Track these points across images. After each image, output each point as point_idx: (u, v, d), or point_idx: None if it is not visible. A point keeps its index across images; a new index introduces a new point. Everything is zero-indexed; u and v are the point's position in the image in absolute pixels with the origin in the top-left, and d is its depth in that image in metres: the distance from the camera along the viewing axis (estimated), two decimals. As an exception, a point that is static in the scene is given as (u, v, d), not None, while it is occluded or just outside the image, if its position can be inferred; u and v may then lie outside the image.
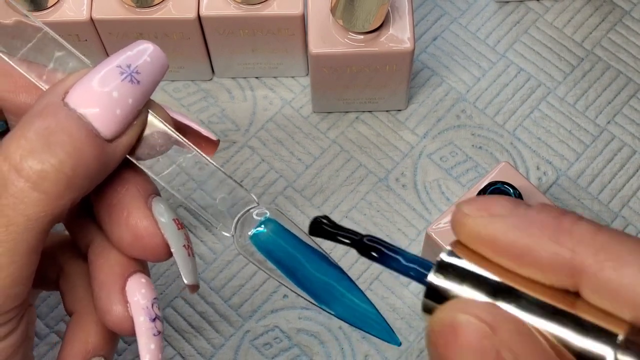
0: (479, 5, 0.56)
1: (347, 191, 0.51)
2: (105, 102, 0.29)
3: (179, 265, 0.31)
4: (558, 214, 0.25)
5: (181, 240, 0.31)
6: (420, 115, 0.53)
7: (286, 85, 0.54)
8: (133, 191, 0.31)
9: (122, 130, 0.30)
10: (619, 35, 0.55)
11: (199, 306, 0.48)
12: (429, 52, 0.55)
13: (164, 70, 0.31)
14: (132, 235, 0.31)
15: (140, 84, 0.30)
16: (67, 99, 0.29)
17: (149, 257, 0.32)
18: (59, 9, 0.48)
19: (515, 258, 0.26)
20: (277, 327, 0.48)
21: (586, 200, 0.51)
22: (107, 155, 0.30)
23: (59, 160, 0.28)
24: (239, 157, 0.52)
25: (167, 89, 0.54)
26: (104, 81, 0.30)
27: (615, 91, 0.53)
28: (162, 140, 0.32)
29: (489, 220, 0.26)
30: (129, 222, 0.31)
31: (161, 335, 0.32)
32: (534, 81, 0.54)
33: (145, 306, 0.31)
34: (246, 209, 0.32)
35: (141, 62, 0.30)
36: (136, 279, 0.32)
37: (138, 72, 0.30)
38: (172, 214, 0.32)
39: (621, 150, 0.52)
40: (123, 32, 0.49)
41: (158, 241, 0.31)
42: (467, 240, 0.27)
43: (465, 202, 0.27)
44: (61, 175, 0.28)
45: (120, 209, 0.31)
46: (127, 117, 0.30)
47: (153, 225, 0.31)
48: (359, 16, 0.45)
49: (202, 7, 0.48)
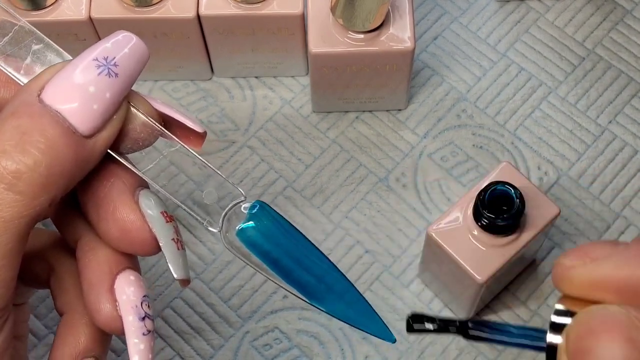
0: (479, 4, 0.56)
1: (347, 191, 0.51)
2: (81, 98, 0.28)
3: (167, 259, 0.30)
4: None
5: (170, 233, 0.31)
6: (420, 114, 0.53)
7: (286, 85, 0.54)
8: (119, 184, 0.30)
9: (100, 125, 0.29)
10: (620, 34, 0.55)
11: (198, 307, 0.48)
12: (429, 51, 0.55)
13: (144, 60, 0.30)
14: (119, 230, 0.30)
15: (119, 77, 0.29)
16: (42, 96, 0.29)
17: (137, 251, 0.31)
18: (58, 8, 0.47)
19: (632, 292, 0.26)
20: (276, 328, 0.48)
21: (587, 200, 0.50)
22: (85, 152, 0.29)
23: (33, 160, 0.27)
24: (238, 157, 0.52)
25: (167, 89, 0.54)
26: (80, 76, 0.29)
27: (617, 91, 0.53)
28: (145, 134, 0.31)
29: (595, 265, 0.27)
30: (115, 216, 0.30)
31: (152, 335, 0.31)
32: (535, 81, 0.54)
33: (134, 304, 0.31)
34: (233, 203, 0.31)
35: (119, 54, 0.29)
36: (125, 276, 0.31)
37: (116, 64, 0.29)
38: (161, 207, 0.31)
39: (622, 150, 0.52)
40: (122, 32, 0.49)
41: (146, 235, 0.30)
42: (578, 291, 0.28)
43: (564, 256, 0.28)
44: (36, 175, 0.27)
45: (106, 203, 0.30)
46: (105, 112, 0.29)
47: (140, 219, 0.30)
48: (359, 15, 0.45)
49: (202, 7, 0.48)
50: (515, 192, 0.41)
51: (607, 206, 0.50)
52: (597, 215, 0.50)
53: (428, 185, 0.51)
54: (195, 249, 0.49)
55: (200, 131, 0.33)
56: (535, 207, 0.43)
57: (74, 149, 0.28)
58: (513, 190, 0.41)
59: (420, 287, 0.48)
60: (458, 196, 0.50)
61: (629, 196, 0.51)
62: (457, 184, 0.51)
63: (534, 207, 0.42)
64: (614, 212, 0.50)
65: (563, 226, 0.50)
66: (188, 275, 0.31)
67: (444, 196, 0.51)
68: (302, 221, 0.50)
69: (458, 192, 0.51)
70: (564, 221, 0.50)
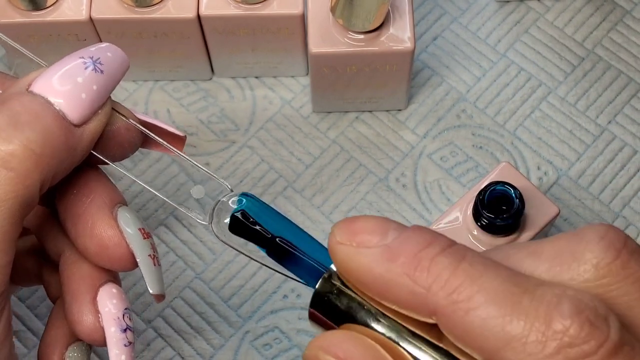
0: (479, 4, 0.56)
1: (347, 191, 0.51)
2: (70, 87, 0.30)
3: (144, 275, 0.31)
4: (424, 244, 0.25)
5: (147, 249, 0.31)
6: (420, 115, 0.53)
7: (286, 85, 0.54)
8: (98, 201, 0.31)
9: (88, 115, 0.30)
10: (619, 34, 0.55)
11: (198, 306, 0.48)
12: (429, 51, 0.55)
13: (125, 67, 0.32)
14: (97, 245, 0.31)
15: (104, 74, 0.30)
16: (31, 88, 0.30)
17: (115, 267, 0.32)
18: (58, 8, 0.48)
19: (379, 295, 0.26)
20: (277, 328, 0.48)
21: (587, 200, 0.50)
22: (74, 139, 0.30)
23: (26, 137, 0.28)
24: (238, 157, 0.52)
25: (167, 89, 0.54)
26: (68, 68, 0.30)
27: (616, 91, 0.53)
28: (129, 137, 0.32)
29: (355, 252, 0.26)
30: (93, 232, 0.31)
31: (132, 347, 0.32)
32: (535, 81, 0.54)
33: (116, 317, 0.31)
34: (221, 197, 0.32)
35: (103, 55, 0.31)
36: (107, 289, 0.32)
37: (101, 63, 0.31)
38: (139, 224, 0.32)
39: (622, 150, 0.52)
40: (122, 32, 0.49)
41: (123, 251, 0.31)
42: (339, 270, 0.27)
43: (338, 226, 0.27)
44: (29, 152, 0.28)
45: (85, 219, 0.31)
46: (92, 103, 0.30)
47: (118, 235, 0.31)
48: (359, 15, 0.45)
49: (202, 7, 0.48)
50: (514, 192, 0.41)
51: (606, 206, 0.50)
52: (596, 215, 0.50)
53: (428, 185, 0.51)
54: (196, 249, 0.50)
55: (181, 135, 0.35)
56: (534, 207, 0.43)
57: (65, 132, 0.29)
58: (513, 190, 0.41)
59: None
60: (458, 196, 0.50)
61: (628, 196, 0.51)
62: (457, 184, 0.51)
63: (533, 207, 0.43)
64: (614, 212, 0.50)
65: (562, 226, 0.50)
66: (163, 290, 0.32)
67: (444, 196, 0.51)
68: (302, 221, 0.50)
69: (458, 192, 0.51)
70: (563, 221, 0.50)
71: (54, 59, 0.51)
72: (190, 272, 0.49)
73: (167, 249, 0.50)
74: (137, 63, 0.52)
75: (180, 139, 0.35)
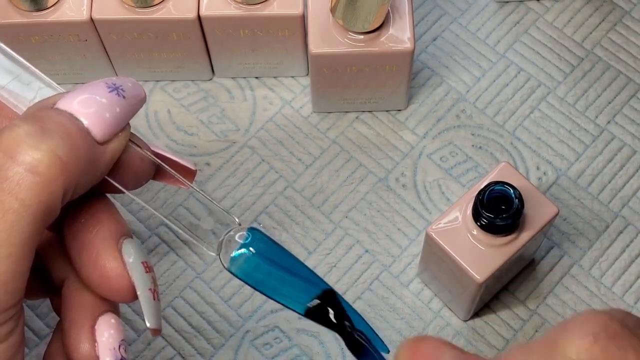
0: (479, 5, 0.56)
1: (347, 191, 0.51)
2: (94, 106, 0.30)
3: (142, 308, 0.32)
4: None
5: (147, 283, 0.32)
6: (420, 115, 0.53)
7: (286, 85, 0.54)
8: (104, 232, 0.32)
9: (111, 135, 0.31)
10: (619, 35, 0.55)
11: (198, 306, 0.48)
12: (429, 52, 0.55)
13: (143, 99, 0.33)
14: (99, 276, 0.31)
15: (126, 99, 0.31)
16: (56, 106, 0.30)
17: (115, 298, 0.32)
18: (59, 8, 0.48)
19: None
20: (277, 327, 0.48)
21: (586, 200, 0.51)
22: (97, 155, 0.30)
23: (54, 143, 0.29)
24: (239, 157, 0.52)
25: (167, 89, 0.54)
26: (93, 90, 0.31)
27: (615, 91, 0.53)
28: (143, 166, 0.33)
29: None
30: (97, 262, 0.31)
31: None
32: (534, 81, 0.54)
33: (112, 347, 0.32)
34: (227, 230, 0.33)
35: (124, 84, 0.32)
36: (106, 319, 0.32)
37: (123, 89, 0.32)
38: (142, 257, 0.32)
39: (621, 150, 0.52)
40: (123, 32, 0.49)
41: (124, 283, 0.31)
42: None
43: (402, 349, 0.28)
44: (55, 158, 0.28)
45: (90, 249, 0.32)
46: (115, 123, 0.31)
47: (120, 267, 0.31)
48: (359, 16, 0.45)
49: (202, 7, 0.48)
50: (514, 192, 0.41)
51: (605, 206, 0.50)
52: (595, 215, 0.50)
53: (427, 185, 0.51)
54: (196, 249, 0.50)
55: (192, 168, 0.36)
56: (534, 207, 0.43)
57: (89, 146, 0.30)
58: (512, 190, 0.41)
59: (419, 287, 0.49)
60: (457, 196, 0.50)
61: (627, 196, 0.51)
62: (457, 184, 0.51)
63: (532, 206, 0.43)
64: (613, 212, 0.50)
65: (562, 226, 0.50)
66: (160, 325, 0.33)
67: (444, 196, 0.51)
68: (302, 221, 0.50)
69: (457, 192, 0.51)
70: (562, 221, 0.50)
71: (54, 59, 0.51)
72: (190, 272, 0.49)
73: (168, 248, 0.50)
74: (138, 63, 0.52)
75: (191, 172, 0.36)
